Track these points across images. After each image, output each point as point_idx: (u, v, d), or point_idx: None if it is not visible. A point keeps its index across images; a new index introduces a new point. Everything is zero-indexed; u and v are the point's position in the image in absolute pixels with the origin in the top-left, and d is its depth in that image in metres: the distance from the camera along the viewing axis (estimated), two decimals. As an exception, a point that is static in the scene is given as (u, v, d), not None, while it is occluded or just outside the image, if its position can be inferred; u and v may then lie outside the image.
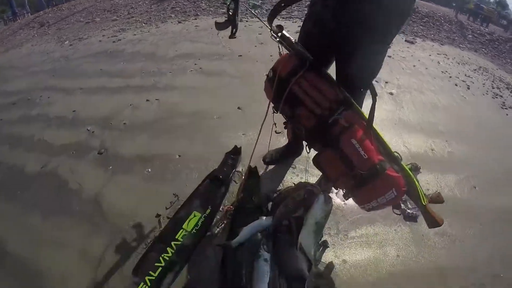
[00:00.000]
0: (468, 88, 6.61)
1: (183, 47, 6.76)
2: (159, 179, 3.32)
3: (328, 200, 2.36)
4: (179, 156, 3.62)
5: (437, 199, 2.22)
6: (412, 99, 5.34)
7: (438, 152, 4.04)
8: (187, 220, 2.78)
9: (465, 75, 7.33)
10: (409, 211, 3.15)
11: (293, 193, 2.60)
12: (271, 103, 2.38)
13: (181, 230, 2.70)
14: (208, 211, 3.01)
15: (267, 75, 2.33)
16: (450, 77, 6.97)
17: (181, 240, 2.61)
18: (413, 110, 4.93)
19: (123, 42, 7.48)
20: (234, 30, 2.55)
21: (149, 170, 3.47)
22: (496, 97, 6.63)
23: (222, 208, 2.94)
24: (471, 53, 10.08)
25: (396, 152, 2.10)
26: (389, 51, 6.07)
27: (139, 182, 3.31)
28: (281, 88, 2.18)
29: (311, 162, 2.21)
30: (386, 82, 5.41)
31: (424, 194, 2.11)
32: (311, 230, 2.38)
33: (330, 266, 2.54)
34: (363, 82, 2.21)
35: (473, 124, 5.05)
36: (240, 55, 6.20)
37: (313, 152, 2.31)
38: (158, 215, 2.92)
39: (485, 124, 5.18)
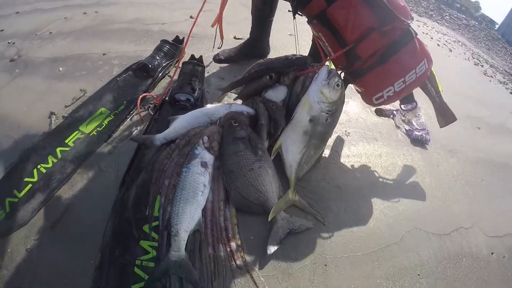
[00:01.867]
0: (450, 51, 6.33)
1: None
2: (69, 77, 2.52)
3: (337, 77, 1.63)
4: (104, 54, 2.84)
5: None
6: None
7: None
8: (88, 119, 2.01)
9: (446, 41, 7.07)
10: (417, 133, 2.45)
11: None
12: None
13: (76, 132, 1.93)
14: (122, 107, 2.07)
15: None
16: (432, 38, 6.63)
17: (71, 145, 1.85)
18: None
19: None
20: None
21: (60, 69, 2.63)
22: (477, 66, 6.38)
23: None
24: (449, 29, 9.69)
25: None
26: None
27: (43, 81, 2.48)
28: None
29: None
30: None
31: None
32: (300, 129, 1.68)
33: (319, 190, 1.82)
34: None
35: (459, 77, 4.76)
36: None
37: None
38: (51, 114, 2.12)
39: (470, 81, 4.95)
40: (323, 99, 1.62)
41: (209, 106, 1.86)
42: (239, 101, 2.02)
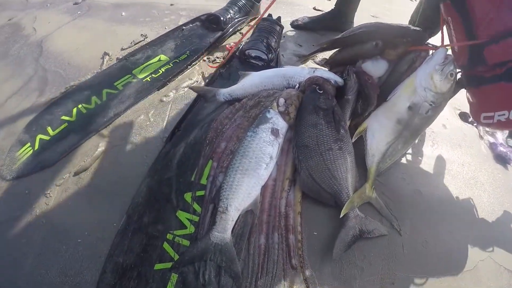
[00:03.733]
0: None
1: None
2: (131, 21, 2.35)
3: (454, 66, 1.30)
4: (172, 4, 2.63)
5: None
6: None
7: None
8: (145, 64, 1.80)
9: None
10: (502, 149, 2.04)
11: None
12: None
13: (128, 75, 1.73)
14: (184, 56, 1.84)
15: None
16: None
17: (120, 88, 1.66)
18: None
19: None
20: None
21: (123, 13, 2.47)
22: None
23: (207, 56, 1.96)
24: None
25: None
26: None
27: (103, 23, 2.34)
28: None
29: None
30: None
31: None
32: (394, 115, 1.36)
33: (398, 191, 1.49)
34: None
35: None
36: None
37: None
38: (105, 54, 1.95)
39: None
40: (431, 86, 1.31)
41: (288, 67, 1.57)
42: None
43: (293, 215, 1.15)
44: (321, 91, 1.31)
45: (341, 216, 1.17)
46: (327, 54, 1.87)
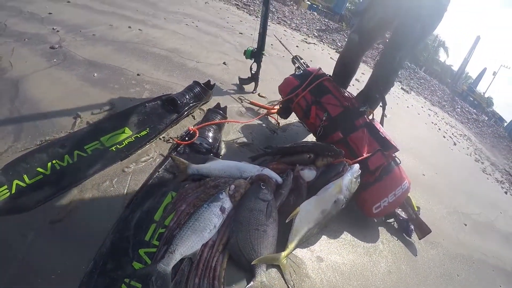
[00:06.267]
0: (455, 144, 6.50)
1: (186, 9, 6.29)
2: (101, 85, 2.63)
3: (360, 174, 2.06)
4: (138, 75, 2.98)
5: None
6: (404, 128, 5.20)
7: (428, 178, 3.86)
8: (111, 134, 2.08)
9: (452, 134, 7.27)
10: (404, 222, 2.57)
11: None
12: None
13: (97, 142, 1.99)
14: (144, 133, 2.17)
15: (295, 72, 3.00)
16: (439, 129, 6.86)
17: (89, 153, 1.91)
18: (405, 138, 4.65)
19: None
20: (255, 85, 3.39)
21: (95, 74, 2.76)
22: (478, 162, 6.54)
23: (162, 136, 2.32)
24: (458, 122, 10.02)
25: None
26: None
27: (76, 80, 2.59)
28: (308, 81, 2.55)
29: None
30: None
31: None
32: (321, 206, 1.90)
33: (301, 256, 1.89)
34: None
35: (457, 171, 4.96)
36: (241, 33, 5.90)
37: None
38: (77, 116, 2.18)
39: (468, 176, 5.11)
40: (350, 187, 1.92)
41: (244, 163, 2.05)
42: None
43: (220, 269, 1.54)
44: (264, 187, 1.80)
45: (252, 264, 1.57)
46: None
